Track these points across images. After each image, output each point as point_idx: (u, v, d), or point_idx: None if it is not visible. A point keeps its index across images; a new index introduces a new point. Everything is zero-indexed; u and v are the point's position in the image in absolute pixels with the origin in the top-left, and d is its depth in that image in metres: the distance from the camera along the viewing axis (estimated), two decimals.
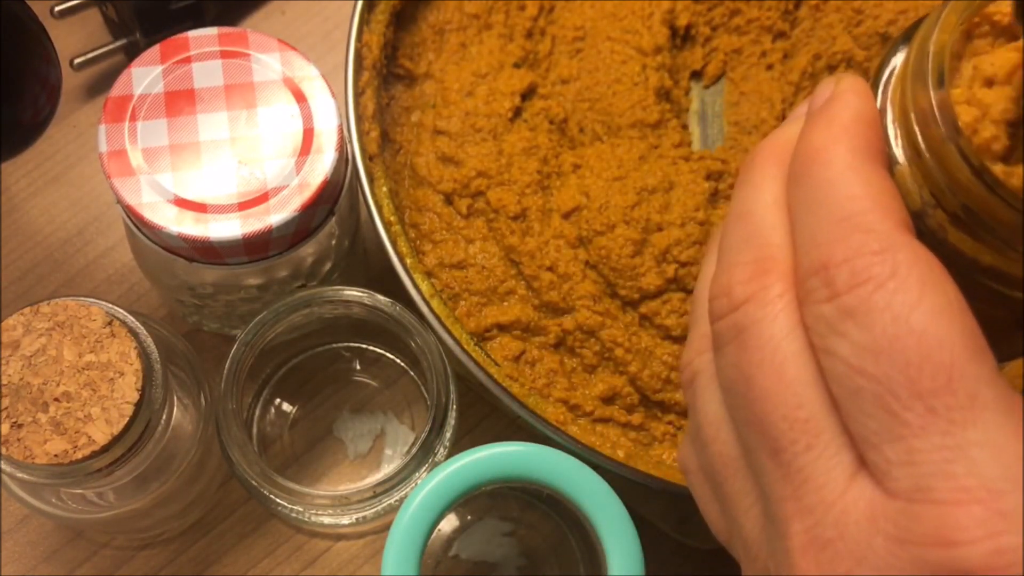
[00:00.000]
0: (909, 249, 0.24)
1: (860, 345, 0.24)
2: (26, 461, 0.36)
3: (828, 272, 0.25)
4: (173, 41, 0.41)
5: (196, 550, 0.48)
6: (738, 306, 0.27)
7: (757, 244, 0.27)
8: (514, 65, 0.47)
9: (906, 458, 0.23)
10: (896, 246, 0.24)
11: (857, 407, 0.24)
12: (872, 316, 0.24)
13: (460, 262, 0.44)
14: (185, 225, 0.38)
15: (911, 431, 0.23)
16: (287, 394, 0.49)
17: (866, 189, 0.25)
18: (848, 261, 0.24)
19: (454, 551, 0.46)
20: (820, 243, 0.25)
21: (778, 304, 0.26)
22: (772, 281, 0.26)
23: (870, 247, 0.24)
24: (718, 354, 0.27)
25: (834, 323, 0.24)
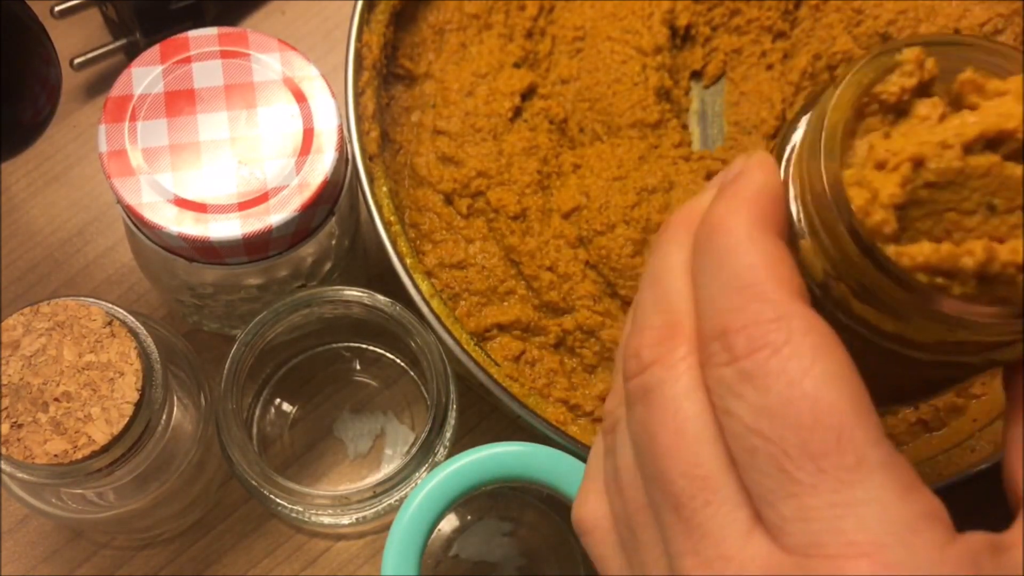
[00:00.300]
0: (802, 317, 0.25)
1: (756, 407, 0.25)
2: (26, 461, 0.36)
3: (727, 338, 0.26)
4: (173, 41, 0.41)
5: (196, 550, 0.48)
6: (645, 368, 0.28)
7: (664, 309, 0.29)
8: (514, 65, 0.47)
9: (799, 514, 0.24)
10: (790, 314, 0.25)
11: (753, 465, 0.25)
12: (768, 380, 0.25)
13: (460, 262, 0.44)
14: (185, 225, 0.38)
15: (803, 489, 0.24)
16: (287, 394, 0.49)
17: (763, 258, 0.26)
18: (746, 328, 0.26)
19: (454, 551, 0.46)
20: (720, 310, 0.26)
21: (681, 367, 0.28)
22: (676, 344, 0.28)
23: (766, 315, 0.25)
24: (628, 412, 0.29)
25: (732, 385, 0.26)
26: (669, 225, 0.30)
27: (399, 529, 0.37)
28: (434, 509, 0.37)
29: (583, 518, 0.32)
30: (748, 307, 0.26)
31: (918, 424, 0.44)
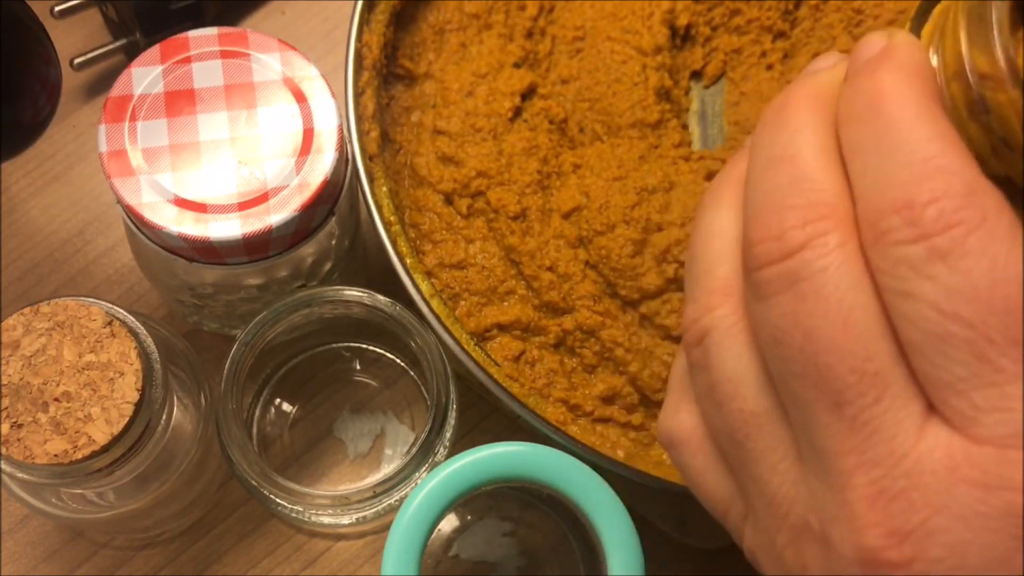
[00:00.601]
0: (996, 196, 0.24)
1: (952, 288, 0.23)
2: (26, 461, 0.36)
3: (913, 211, 0.24)
4: (173, 41, 0.41)
5: (196, 550, 0.48)
6: (792, 253, 0.25)
7: (808, 188, 0.26)
8: (514, 65, 0.47)
9: (1000, 404, 0.23)
10: (983, 190, 0.24)
11: (942, 353, 0.23)
12: (969, 259, 0.23)
13: (460, 262, 0.44)
14: (185, 225, 0.38)
15: (1005, 378, 0.23)
16: (287, 394, 0.49)
17: (944, 132, 0.24)
18: (936, 201, 0.23)
19: (454, 551, 0.46)
20: (899, 183, 0.24)
21: (841, 252, 0.25)
22: (831, 227, 0.25)
23: (956, 189, 0.23)
24: (762, 304, 0.26)
25: (920, 265, 0.24)
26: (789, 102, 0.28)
27: (399, 529, 0.37)
28: (434, 509, 0.37)
29: (673, 429, 0.30)
30: (935, 179, 0.24)
31: None
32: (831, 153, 0.26)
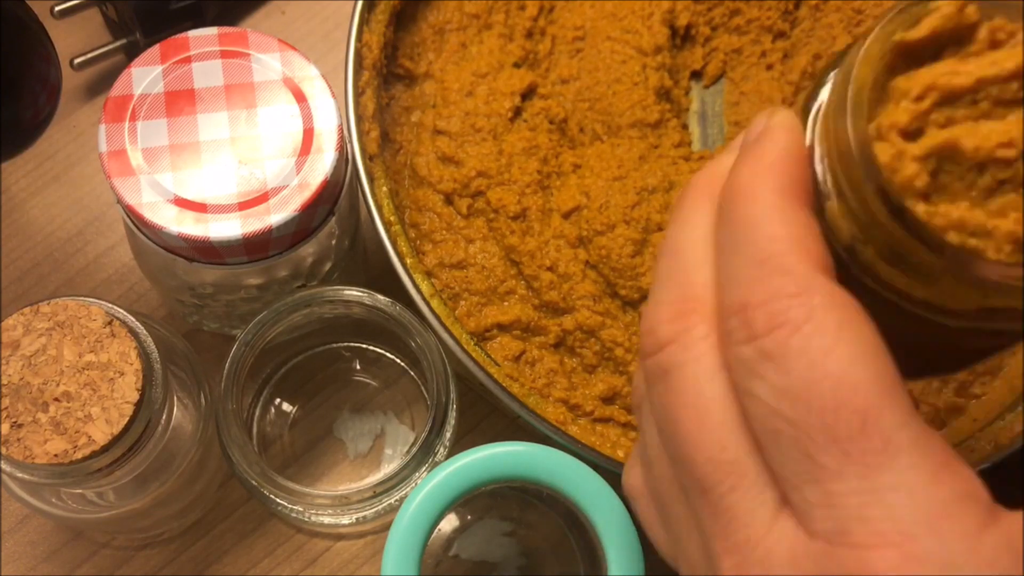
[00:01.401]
0: (826, 292, 0.24)
1: (778, 388, 0.24)
2: (26, 461, 0.36)
3: (747, 313, 0.25)
4: (173, 41, 0.41)
5: (196, 550, 0.48)
6: (663, 347, 0.27)
7: (681, 282, 0.28)
8: (514, 65, 0.47)
9: (824, 500, 0.24)
10: (813, 289, 0.24)
11: (777, 448, 0.25)
12: (789, 360, 0.24)
13: (460, 262, 0.44)
14: (185, 225, 0.38)
15: (828, 475, 0.24)
16: (287, 394, 0.49)
17: (787, 229, 0.25)
18: (766, 303, 0.25)
19: (454, 551, 0.46)
20: (740, 283, 0.25)
21: (701, 346, 0.27)
22: (695, 322, 0.27)
23: (787, 290, 0.24)
24: (649, 390, 0.28)
25: (753, 365, 0.25)
26: (688, 190, 0.29)
27: (399, 529, 0.37)
28: (434, 509, 0.37)
29: (626, 485, 0.31)
30: (769, 280, 0.25)
31: None
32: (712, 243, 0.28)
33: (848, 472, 0.23)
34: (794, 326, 0.24)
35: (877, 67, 0.26)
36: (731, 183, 0.27)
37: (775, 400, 0.24)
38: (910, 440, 0.23)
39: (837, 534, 0.23)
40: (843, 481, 0.23)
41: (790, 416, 0.24)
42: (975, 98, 0.25)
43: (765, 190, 0.26)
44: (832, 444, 0.23)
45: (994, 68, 0.25)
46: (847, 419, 0.23)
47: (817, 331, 0.24)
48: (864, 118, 0.26)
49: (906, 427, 0.23)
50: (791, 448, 0.24)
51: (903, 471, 0.23)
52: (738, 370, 0.25)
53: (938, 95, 0.25)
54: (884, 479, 0.23)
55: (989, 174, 0.25)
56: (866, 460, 0.23)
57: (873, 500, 0.23)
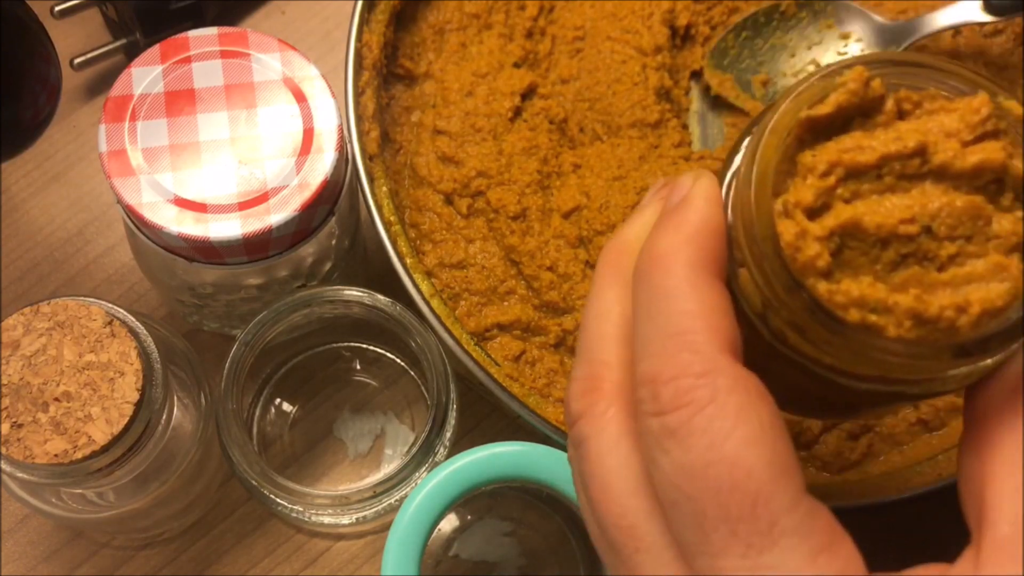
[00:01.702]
0: (730, 374, 0.26)
1: (679, 464, 0.25)
2: (26, 461, 0.36)
3: (655, 387, 0.26)
4: (173, 41, 0.41)
5: (196, 550, 0.48)
6: (575, 421, 0.29)
7: (591, 359, 0.29)
8: (514, 65, 0.47)
9: (712, 573, 0.25)
10: (718, 370, 0.26)
11: (675, 517, 0.26)
12: (691, 439, 0.25)
13: (460, 262, 0.44)
14: (185, 225, 0.38)
15: (716, 550, 0.25)
16: (287, 394, 0.49)
17: (699, 306, 0.26)
18: (674, 380, 0.26)
19: (454, 551, 0.46)
20: (652, 354, 0.26)
21: (603, 420, 0.28)
22: (598, 398, 0.28)
23: (694, 368, 0.26)
24: (571, 457, 0.30)
25: (658, 438, 0.26)
26: (602, 260, 0.30)
27: (399, 529, 0.37)
28: (434, 509, 0.37)
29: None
30: (678, 357, 0.26)
31: (918, 424, 0.44)
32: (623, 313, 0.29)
33: (733, 550, 0.25)
34: (698, 406, 0.25)
35: (785, 141, 0.26)
36: (649, 250, 0.28)
37: (675, 475, 0.26)
38: (795, 524, 0.25)
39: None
40: (728, 558, 0.25)
41: (688, 492, 0.25)
42: (879, 173, 0.26)
43: (680, 263, 0.27)
44: (723, 523, 0.25)
45: (897, 144, 0.26)
46: (739, 500, 0.25)
47: (719, 413, 0.25)
48: (768, 195, 0.26)
49: (793, 511, 0.25)
50: (688, 519, 0.26)
51: (783, 552, 0.25)
52: (645, 439, 0.27)
53: (843, 171, 0.26)
54: (765, 559, 0.25)
55: (892, 249, 0.26)
56: (751, 540, 0.25)
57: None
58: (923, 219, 0.25)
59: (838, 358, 0.26)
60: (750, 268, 0.27)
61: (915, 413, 0.44)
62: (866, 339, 0.25)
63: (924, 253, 0.26)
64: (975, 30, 0.48)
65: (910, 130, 0.26)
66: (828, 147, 0.26)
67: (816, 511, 0.25)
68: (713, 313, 0.26)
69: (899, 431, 0.44)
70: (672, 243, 0.27)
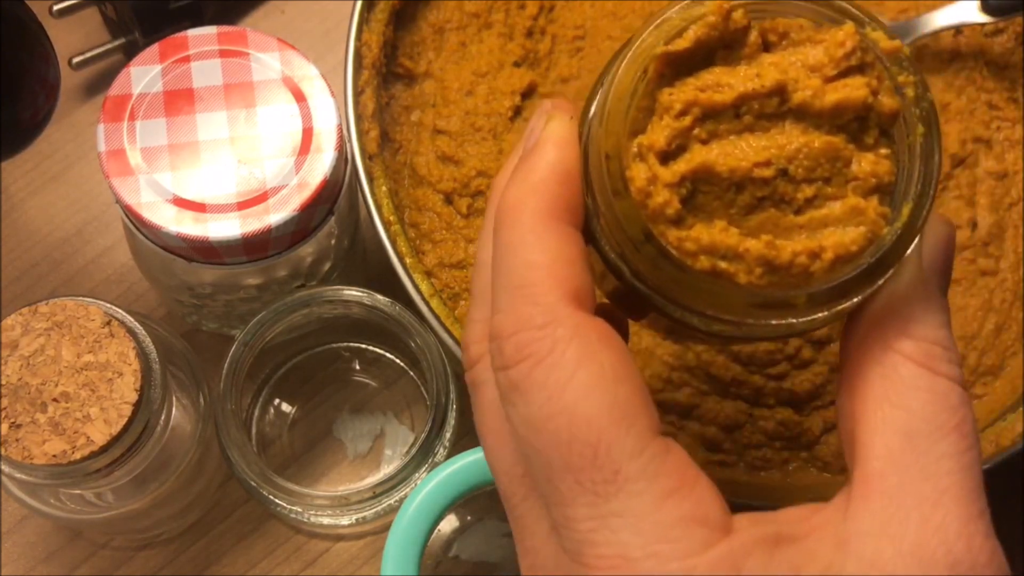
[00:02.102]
0: (570, 324, 0.25)
1: (523, 418, 0.25)
2: (25, 462, 0.35)
3: (500, 342, 0.26)
4: (172, 40, 0.41)
5: (195, 550, 0.47)
6: (471, 365, 0.29)
7: (481, 302, 0.29)
8: (514, 64, 0.47)
9: (563, 523, 0.25)
10: (557, 321, 0.25)
11: (531, 470, 0.26)
12: (531, 392, 0.25)
13: (460, 262, 0.44)
14: (184, 225, 0.38)
15: (564, 500, 0.25)
16: (286, 394, 0.49)
17: (542, 256, 0.26)
18: (515, 334, 0.26)
19: (454, 552, 0.46)
20: (498, 309, 0.26)
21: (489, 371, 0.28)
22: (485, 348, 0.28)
23: (534, 321, 0.25)
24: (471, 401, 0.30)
25: (506, 392, 0.26)
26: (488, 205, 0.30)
27: (399, 530, 0.37)
28: (434, 510, 0.37)
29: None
30: (520, 310, 0.26)
31: None
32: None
33: (580, 500, 0.25)
34: (536, 359, 0.25)
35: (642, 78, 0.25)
36: (500, 203, 0.27)
37: (522, 428, 0.26)
38: (639, 469, 0.24)
39: (575, 554, 0.25)
40: (576, 508, 0.25)
41: (535, 445, 0.25)
42: (738, 112, 0.25)
43: (526, 213, 0.26)
44: (567, 473, 0.25)
45: (755, 83, 0.25)
46: (579, 451, 0.25)
47: (556, 364, 0.25)
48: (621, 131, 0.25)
49: (638, 456, 0.25)
50: (539, 472, 0.26)
51: (629, 499, 0.24)
52: (500, 394, 0.27)
53: (700, 111, 0.25)
54: (611, 506, 0.24)
55: (748, 192, 0.25)
56: (596, 489, 0.25)
57: (600, 526, 0.25)
58: (779, 161, 0.25)
59: (693, 302, 0.26)
60: (602, 214, 0.26)
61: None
62: (716, 286, 0.25)
63: (781, 196, 0.25)
64: (976, 30, 0.48)
65: (772, 65, 0.25)
66: (687, 84, 0.25)
67: (664, 454, 0.25)
68: (556, 263, 0.26)
69: None
70: (519, 193, 0.27)
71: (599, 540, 0.25)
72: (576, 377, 0.25)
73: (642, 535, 0.24)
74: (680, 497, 0.25)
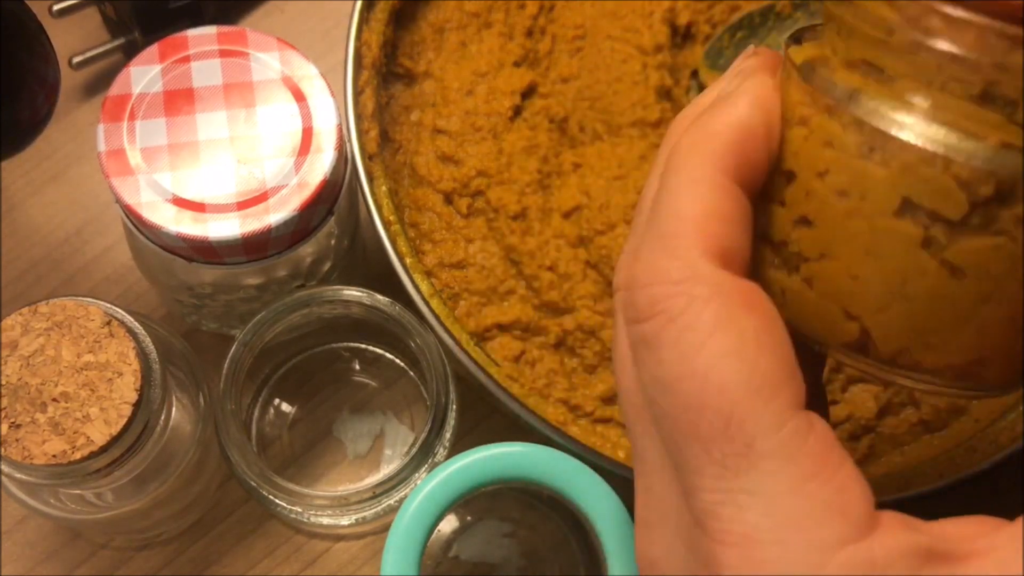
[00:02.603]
0: (710, 283, 0.24)
1: (653, 376, 0.24)
2: (24, 462, 0.35)
3: (632, 292, 0.24)
4: (172, 40, 0.41)
5: (195, 551, 0.47)
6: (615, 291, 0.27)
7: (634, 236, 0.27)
8: (514, 64, 0.47)
9: (691, 490, 0.24)
10: (696, 278, 0.24)
11: (660, 430, 0.25)
12: (662, 351, 0.24)
13: (460, 262, 0.44)
14: (184, 225, 0.38)
15: (691, 468, 0.23)
16: (286, 394, 0.49)
17: (695, 207, 0.24)
18: (648, 287, 0.24)
19: (454, 552, 0.46)
20: (638, 256, 0.25)
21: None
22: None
23: (671, 276, 0.24)
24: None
25: (637, 347, 0.24)
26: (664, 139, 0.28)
27: (399, 530, 0.37)
28: (434, 510, 0.37)
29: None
30: (658, 262, 0.24)
31: (919, 424, 0.44)
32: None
33: (707, 470, 0.23)
34: (669, 316, 0.23)
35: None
36: (676, 144, 0.25)
37: (652, 387, 0.24)
38: (776, 446, 0.23)
39: (699, 522, 0.23)
40: (704, 478, 0.23)
41: (663, 405, 0.24)
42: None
43: (695, 159, 0.25)
44: (695, 441, 0.23)
45: None
46: (709, 419, 0.23)
47: (691, 324, 0.23)
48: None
49: (774, 432, 0.23)
50: (667, 434, 0.24)
51: (762, 477, 0.23)
52: (630, 347, 0.25)
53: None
54: (740, 482, 0.23)
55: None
56: (726, 462, 0.23)
57: (727, 500, 0.23)
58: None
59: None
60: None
61: (917, 414, 0.44)
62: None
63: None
64: None
65: None
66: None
67: (807, 432, 0.23)
68: (709, 217, 0.24)
69: (900, 432, 0.44)
70: (694, 139, 0.25)
71: (724, 515, 0.23)
72: (713, 340, 0.23)
73: (772, 517, 0.22)
74: (821, 482, 0.22)
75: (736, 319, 0.23)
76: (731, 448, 0.23)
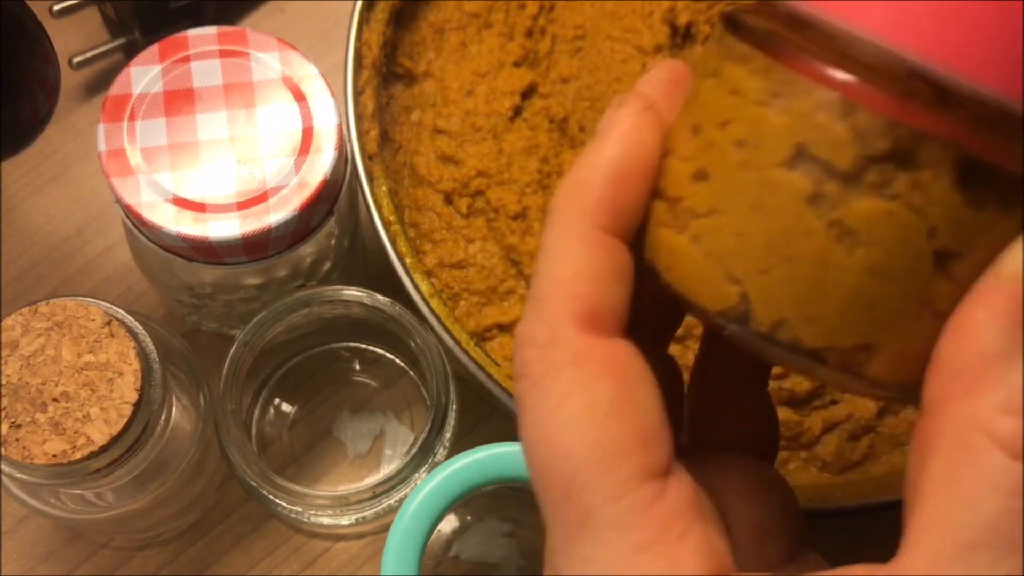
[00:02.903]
0: (569, 348, 0.23)
1: (521, 434, 0.24)
2: (25, 461, 0.35)
3: (514, 348, 0.25)
4: (172, 40, 0.41)
5: (195, 550, 0.47)
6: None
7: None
8: (514, 64, 0.47)
9: (547, 548, 0.24)
10: (557, 342, 0.23)
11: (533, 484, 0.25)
12: (525, 413, 0.24)
13: (460, 262, 0.44)
14: (184, 225, 0.38)
15: (548, 527, 0.24)
16: (286, 394, 0.49)
17: (563, 268, 0.24)
18: (520, 348, 0.24)
19: (454, 552, 0.46)
20: (523, 315, 0.25)
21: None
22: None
23: (537, 340, 0.24)
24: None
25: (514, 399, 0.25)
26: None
27: (399, 530, 0.37)
28: (434, 510, 0.37)
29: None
30: (530, 324, 0.24)
31: None
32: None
33: (557, 532, 0.24)
34: (532, 380, 0.24)
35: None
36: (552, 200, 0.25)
37: (522, 443, 0.24)
38: (612, 518, 0.23)
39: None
40: (552, 538, 0.24)
41: (528, 465, 0.24)
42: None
43: (563, 216, 0.24)
44: (548, 503, 0.24)
45: None
46: (555, 484, 0.23)
47: (548, 390, 0.23)
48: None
49: (612, 503, 0.23)
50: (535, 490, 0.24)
51: (599, 545, 0.23)
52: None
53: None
54: (581, 549, 0.23)
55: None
56: (567, 529, 0.23)
57: (571, 564, 0.23)
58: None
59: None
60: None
61: (917, 413, 0.44)
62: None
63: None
64: None
65: None
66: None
67: (649, 503, 0.23)
68: (577, 277, 0.24)
69: (900, 431, 0.44)
70: (563, 192, 0.24)
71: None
72: (563, 407, 0.23)
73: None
74: (654, 555, 0.22)
75: (589, 386, 0.23)
76: (572, 515, 0.23)
